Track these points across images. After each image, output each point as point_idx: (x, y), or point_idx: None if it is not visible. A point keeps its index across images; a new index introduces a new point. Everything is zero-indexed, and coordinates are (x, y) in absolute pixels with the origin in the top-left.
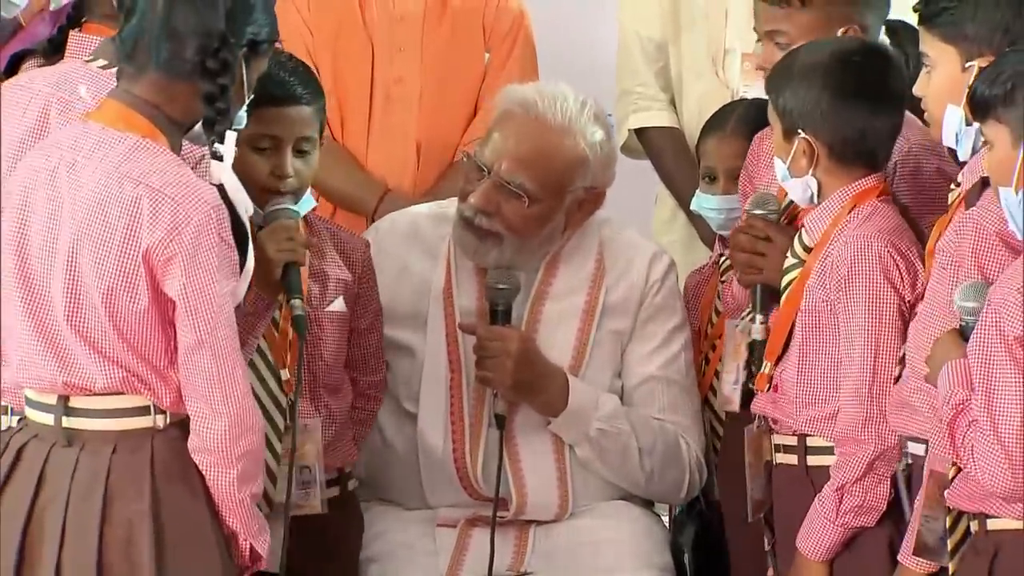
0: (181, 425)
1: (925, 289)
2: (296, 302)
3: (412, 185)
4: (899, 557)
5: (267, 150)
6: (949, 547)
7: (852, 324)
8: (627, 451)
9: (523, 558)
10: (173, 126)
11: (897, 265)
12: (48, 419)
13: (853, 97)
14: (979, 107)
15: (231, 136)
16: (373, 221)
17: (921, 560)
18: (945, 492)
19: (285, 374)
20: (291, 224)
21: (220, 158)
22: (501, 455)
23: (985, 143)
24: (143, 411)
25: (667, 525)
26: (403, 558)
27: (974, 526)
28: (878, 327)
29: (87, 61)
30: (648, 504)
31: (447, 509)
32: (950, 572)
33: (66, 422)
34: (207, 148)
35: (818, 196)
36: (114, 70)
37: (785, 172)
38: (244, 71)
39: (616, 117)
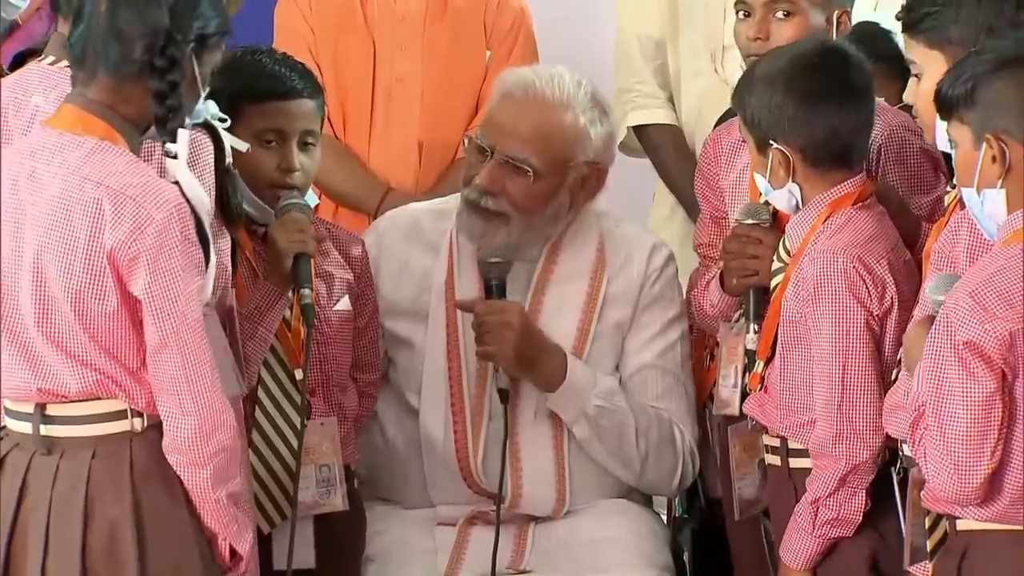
0: (159, 427)
1: (895, 302)
2: (305, 291)
3: (414, 184)
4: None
5: (272, 145)
6: (929, 548)
7: (821, 341)
8: (624, 430)
9: (523, 556)
10: (130, 127)
11: (863, 280)
12: (27, 428)
13: (817, 98)
14: (942, 107)
15: (183, 134)
16: (375, 220)
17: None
18: (921, 495)
19: (299, 374)
20: (302, 217)
21: (174, 156)
22: (506, 431)
23: (951, 142)
24: (120, 415)
25: (667, 524)
26: (402, 557)
27: (947, 527)
28: (845, 343)
29: (39, 59)
30: (648, 503)
31: (447, 508)
32: (930, 572)
33: (44, 430)
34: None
35: (802, 202)
36: (64, 64)
37: (767, 186)
38: (195, 66)
39: (615, 115)
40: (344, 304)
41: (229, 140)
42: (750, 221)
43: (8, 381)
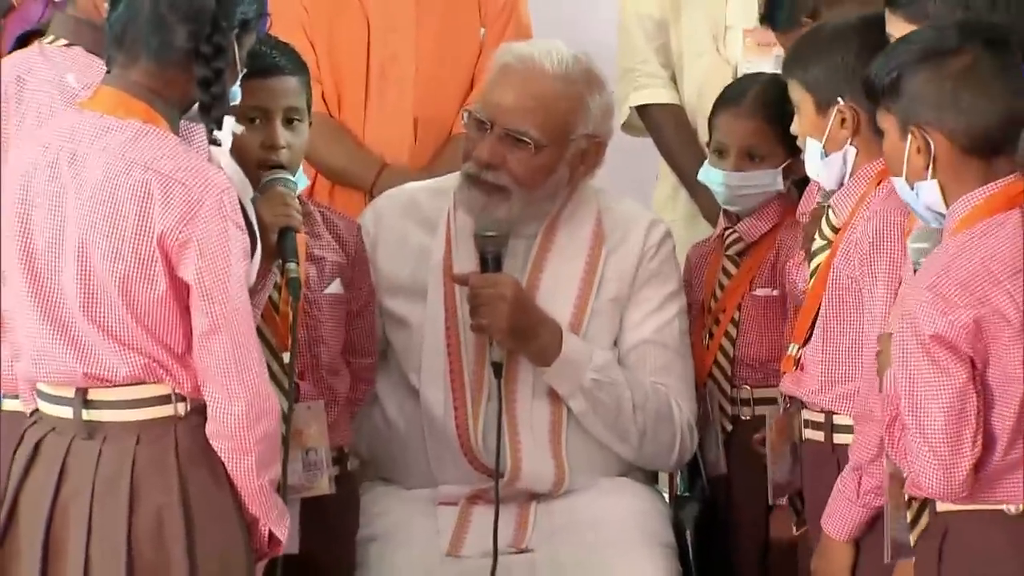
0: (202, 411)
1: None
2: (291, 265)
3: (409, 161)
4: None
5: (256, 122)
6: (913, 541)
7: (874, 300)
8: (621, 403)
9: (525, 535)
10: (171, 110)
11: None
12: (66, 412)
13: None
14: (869, 94)
15: (228, 121)
16: (371, 196)
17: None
18: (900, 489)
19: (287, 357)
20: (287, 191)
21: (218, 143)
22: (500, 405)
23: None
24: (164, 400)
25: (669, 502)
26: (403, 537)
27: (927, 514)
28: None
29: (48, 42)
30: (650, 481)
31: (448, 487)
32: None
33: (86, 415)
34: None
35: (849, 174)
36: (62, 44)
37: (821, 150)
38: (236, 50)
39: (617, 96)
40: (335, 287)
41: (226, 123)
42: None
43: (49, 365)
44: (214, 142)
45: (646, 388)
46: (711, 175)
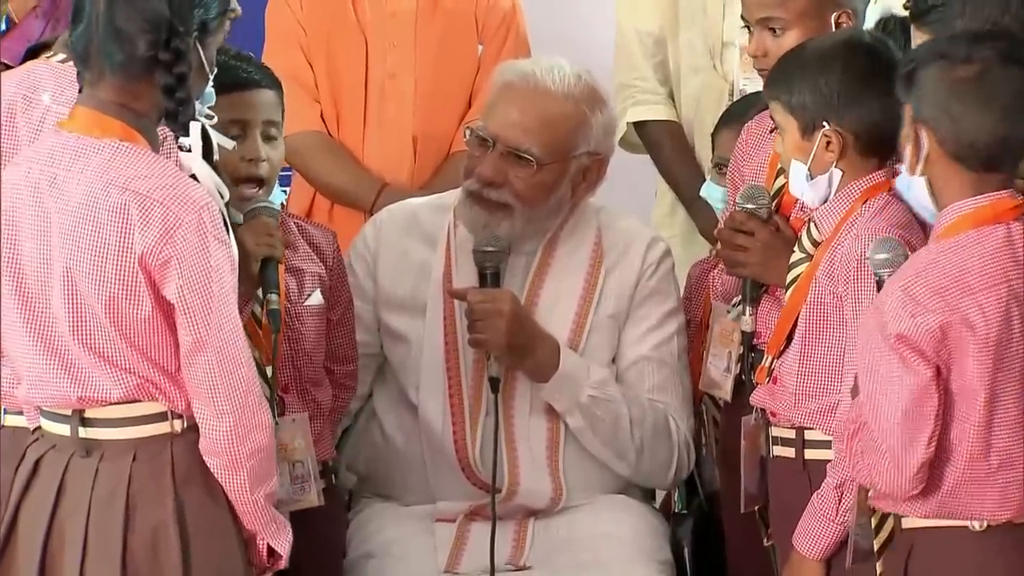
0: (198, 428)
1: None
2: (272, 297)
3: (409, 179)
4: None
5: (236, 137)
6: (876, 548)
7: (858, 319)
8: (619, 420)
9: (522, 552)
10: (146, 122)
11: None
12: (64, 430)
13: (875, 82)
14: (897, 83)
15: (195, 126)
16: (371, 216)
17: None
18: (869, 495)
19: (271, 370)
20: (271, 221)
21: (188, 150)
22: (497, 420)
23: None
24: (160, 417)
25: (666, 519)
26: (401, 554)
27: (893, 525)
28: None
29: (48, 56)
30: (648, 498)
31: (446, 504)
32: (878, 572)
33: (83, 432)
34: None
35: (833, 194)
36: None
37: (806, 173)
38: (201, 52)
39: (614, 111)
40: (316, 299)
41: (216, 137)
42: (749, 206)
43: (45, 390)
44: (183, 148)
45: (644, 405)
46: (712, 191)
